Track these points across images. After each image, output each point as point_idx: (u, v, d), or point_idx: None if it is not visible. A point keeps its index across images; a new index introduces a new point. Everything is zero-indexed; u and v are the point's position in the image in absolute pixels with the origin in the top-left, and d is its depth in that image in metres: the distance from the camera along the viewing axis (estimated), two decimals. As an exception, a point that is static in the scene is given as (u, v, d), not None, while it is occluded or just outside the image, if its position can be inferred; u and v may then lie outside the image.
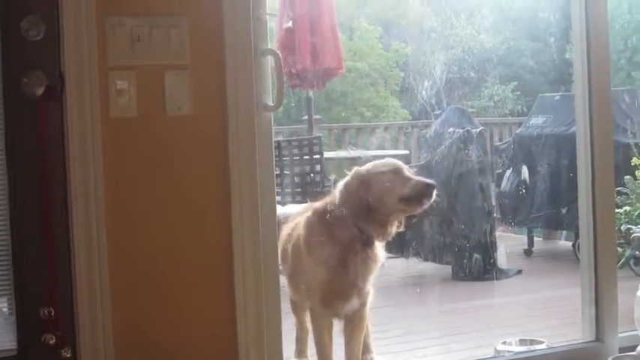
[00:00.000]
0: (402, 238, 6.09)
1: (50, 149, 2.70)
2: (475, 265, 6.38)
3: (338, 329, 3.59)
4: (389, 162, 3.49)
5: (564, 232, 7.69)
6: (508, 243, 7.22)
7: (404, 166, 3.47)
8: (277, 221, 3.12)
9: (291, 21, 7.01)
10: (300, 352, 3.95)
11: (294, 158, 7.46)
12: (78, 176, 2.72)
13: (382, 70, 12.82)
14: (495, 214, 7.01)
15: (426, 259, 6.71)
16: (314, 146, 7.58)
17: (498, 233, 7.00)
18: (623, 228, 5.84)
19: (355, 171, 3.48)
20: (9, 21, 2.66)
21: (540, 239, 7.82)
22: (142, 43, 2.79)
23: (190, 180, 2.88)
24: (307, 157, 7.53)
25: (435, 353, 4.68)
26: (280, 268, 3.21)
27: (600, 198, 3.73)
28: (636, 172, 6.37)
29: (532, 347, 3.84)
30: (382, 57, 12.81)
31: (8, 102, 2.67)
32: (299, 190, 7.42)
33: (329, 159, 7.92)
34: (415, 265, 6.71)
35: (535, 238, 7.54)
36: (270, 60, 3.00)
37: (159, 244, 2.85)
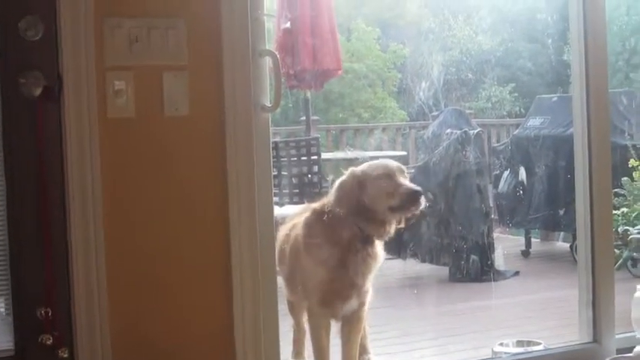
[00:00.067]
0: (400, 239, 6.10)
1: (48, 150, 2.70)
2: (472, 267, 6.39)
3: (335, 330, 3.59)
4: (383, 164, 3.48)
5: (562, 234, 7.70)
6: (505, 244, 7.23)
7: (397, 169, 3.47)
8: (275, 222, 3.13)
9: (289, 22, 7.01)
10: (297, 354, 3.96)
11: (291, 159, 7.47)
12: (75, 177, 2.72)
13: (380, 72, 12.83)
14: (493, 216, 7.01)
15: (424, 261, 6.71)
16: (311, 147, 7.59)
17: (496, 234, 7.01)
18: (620, 229, 5.84)
19: (351, 171, 3.49)
20: (7, 21, 2.65)
21: (538, 240, 7.83)
22: (140, 44, 2.79)
23: (188, 181, 2.88)
24: (305, 158, 7.53)
25: (432, 354, 4.69)
26: (277, 269, 3.21)
27: (598, 199, 3.73)
28: (634, 174, 6.39)
29: (529, 349, 3.84)
30: (380, 58, 12.82)
31: (6, 102, 2.67)
32: (296, 191, 7.42)
33: (326, 160, 7.93)
34: (412, 267, 6.71)
35: (532, 240, 7.55)
36: (267, 61, 3.01)
37: (156, 245, 2.85)
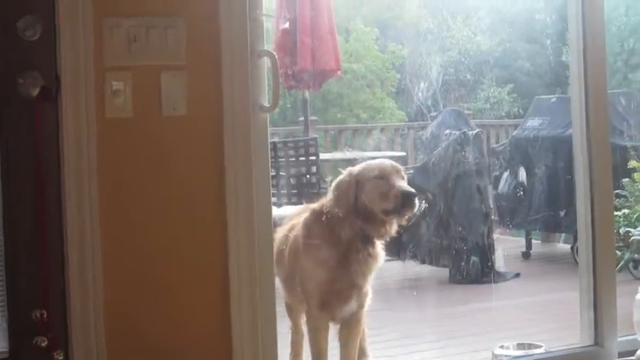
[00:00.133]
0: (399, 241, 6.09)
1: (45, 150, 2.70)
2: (472, 268, 6.39)
3: (333, 333, 3.60)
4: (379, 165, 3.48)
5: (563, 235, 7.70)
6: (506, 246, 7.23)
7: (393, 170, 3.46)
8: (273, 223, 3.12)
9: (287, 22, 7.01)
10: (295, 356, 3.96)
11: (289, 159, 7.47)
12: (73, 177, 2.71)
13: (378, 72, 12.83)
14: (493, 217, 7.01)
15: (423, 262, 6.71)
16: (310, 148, 7.59)
17: (496, 236, 7.01)
18: (621, 231, 5.84)
19: (348, 171, 3.50)
20: (5, 21, 2.65)
21: (538, 242, 7.83)
22: (139, 44, 2.79)
23: (186, 181, 2.88)
24: (303, 159, 7.53)
25: (432, 357, 4.69)
26: (275, 271, 3.21)
27: (598, 200, 3.73)
28: (634, 175, 6.39)
29: (530, 351, 3.84)
30: (378, 58, 12.82)
31: (3, 102, 2.66)
32: (295, 192, 7.42)
33: (325, 160, 7.92)
34: (412, 268, 6.70)
35: (533, 241, 7.55)
36: (266, 61, 3.01)
37: (153, 246, 2.85)
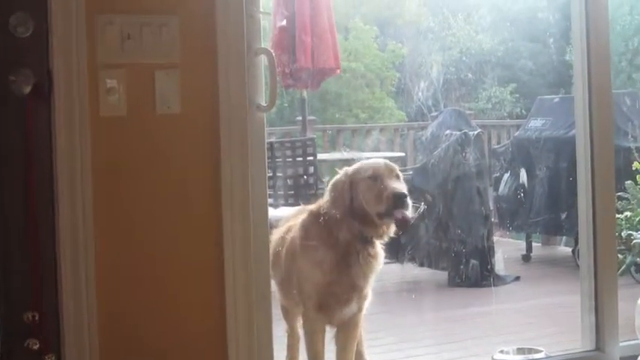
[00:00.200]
0: (397, 243, 6.09)
1: (37, 149, 2.69)
2: (472, 271, 6.38)
3: (329, 336, 3.59)
4: (372, 165, 3.48)
5: (564, 238, 7.70)
6: (506, 248, 7.22)
7: (387, 170, 3.45)
8: (269, 224, 3.12)
9: (285, 19, 7.01)
10: (291, 359, 3.95)
11: (287, 160, 7.47)
12: (65, 177, 2.71)
13: (378, 71, 12.83)
14: (493, 219, 7.01)
15: (422, 265, 6.70)
16: (307, 148, 7.59)
17: (496, 238, 7.00)
18: (623, 234, 5.83)
19: (344, 171, 3.50)
20: (-4, 17, 2.65)
21: (539, 245, 7.83)
22: (133, 42, 2.78)
23: (181, 181, 2.88)
24: (300, 159, 7.53)
25: (430, 362, 4.69)
26: (271, 273, 3.20)
27: (600, 203, 3.73)
28: (637, 177, 6.38)
29: (530, 356, 3.83)
30: (378, 57, 12.82)
31: (-5, 100, 2.67)
32: (292, 193, 7.42)
33: (323, 161, 7.92)
34: (410, 271, 6.70)
35: (534, 244, 7.55)
36: (263, 59, 3.00)
37: (148, 247, 2.84)
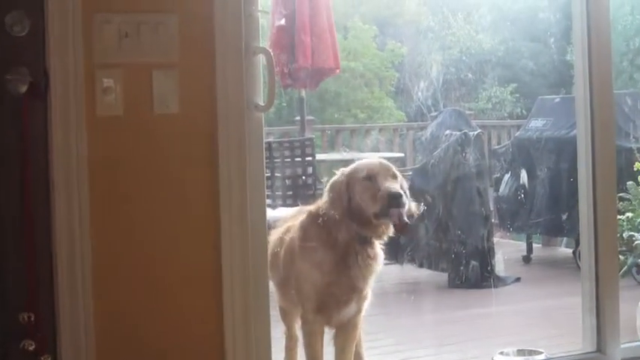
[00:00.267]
0: (397, 244, 6.09)
1: (33, 148, 2.69)
2: (472, 273, 6.38)
3: (327, 338, 3.59)
4: (367, 165, 3.46)
5: (564, 239, 7.70)
6: (506, 249, 7.22)
7: (382, 169, 3.44)
8: (267, 225, 3.12)
9: (284, 18, 7.02)
10: (289, 361, 3.96)
11: (285, 160, 7.47)
12: (61, 176, 2.71)
13: (377, 71, 12.84)
14: (493, 220, 7.01)
15: (421, 266, 6.70)
16: (306, 148, 7.59)
17: (496, 239, 7.00)
18: (625, 235, 5.82)
19: (341, 172, 3.50)
20: (-8, 16, 2.65)
21: (539, 246, 7.83)
22: (130, 40, 2.78)
23: (178, 181, 2.88)
24: (299, 159, 7.53)
25: (430, 364, 4.69)
26: (269, 274, 3.20)
27: (602, 204, 3.73)
28: (639, 178, 6.38)
29: (530, 358, 3.83)
30: (377, 57, 12.83)
31: (-10, 99, 2.67)
32: (290, 193, 7.42)
33: (321, 161, 7.93)
34: (410, 272, 6.70)
35: (534, 245, 7.55)
36: (261, 58, 3.00)
37: (145, 248, 2.84)
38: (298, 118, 8.91)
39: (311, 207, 3.58)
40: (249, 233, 2.95)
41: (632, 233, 5.78)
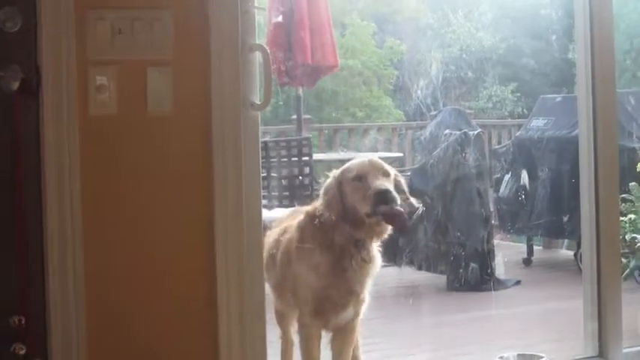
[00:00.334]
0: (395, 246, 6.09)
1: (25, 147, 2.69)
2: (471, 275, 6.38)
3: (324, 342, 3.59)
4: (357, 165, 3.45)
5: (566, 241, 7.70)
6: (506, 252, 7.23)
7: (373, 168, 3.42)
8: (263, 226, 3.12)
9: (281, 15, 7.02)
10: (285, 365, 3.96)
11: (281, 160, 7.46)
12: (53, 175, 2.71)
13: (376, 69, 12.85)
14: (493, 221, 7.01)
15: (420, 268, 6.70)
16: (303, 147, 7.58)
17: (496, 241, 7.00)
18: (627, 237, 5.83)
19: (333, 173, 3.50)
20: (-17, 12, 2.65)
21: (540, 248, 7.84)
22: (124, 37, 2.78)
23: (172, 182, 2.87)
24: (296, 159, 7.52)
25: (429, 368, 4.69)
26: (265, 276, 3.20)
27: (604, 205, 3.74)
28: (642, 179, 6.38)
29: (531, 362, 3.84)
30: (376, 54, 12.84)
31: (-19, 97, 2.66)
32: (286, 194, 7.42)
33: (319, 161, 7.92)
34: (408, 275, 6.70)
35: (535, 247, 7.55)
36: (257, 56, 3.00)
37: (138, 248, 2.84)
38: (295, 117, 8.90)
39: (308, 207, 3.58)
40: (244, 234, 2.94)
41: (634, 235, 5.78)
